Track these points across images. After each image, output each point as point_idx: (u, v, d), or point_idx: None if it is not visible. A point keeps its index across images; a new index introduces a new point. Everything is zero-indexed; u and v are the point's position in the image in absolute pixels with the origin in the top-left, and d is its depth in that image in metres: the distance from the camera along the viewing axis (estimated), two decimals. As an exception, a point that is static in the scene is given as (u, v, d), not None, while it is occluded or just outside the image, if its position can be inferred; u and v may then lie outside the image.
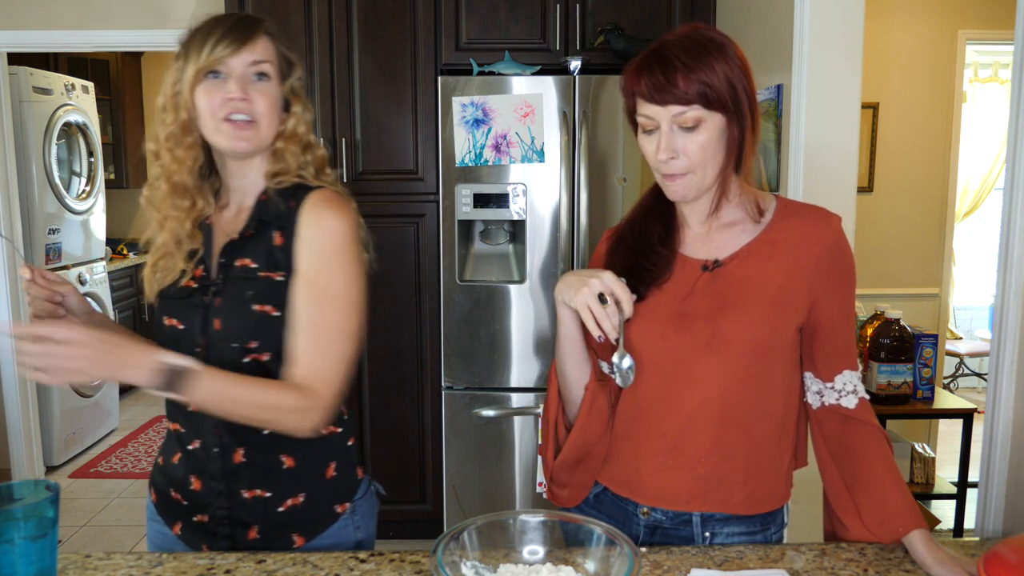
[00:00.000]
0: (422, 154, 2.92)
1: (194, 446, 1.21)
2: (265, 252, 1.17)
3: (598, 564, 0.97)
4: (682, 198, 1.14)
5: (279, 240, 1.17)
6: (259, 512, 1.21)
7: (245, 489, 1.20)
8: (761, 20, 2.43)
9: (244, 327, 1.15)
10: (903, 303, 3.04)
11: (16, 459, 3.75)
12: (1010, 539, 1.03)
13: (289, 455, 1.21)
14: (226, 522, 1.21)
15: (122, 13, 3.37)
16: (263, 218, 1.19)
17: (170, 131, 1.16)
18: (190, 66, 1.12)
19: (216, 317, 1.16)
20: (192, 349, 1.16)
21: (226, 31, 1.13)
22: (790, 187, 2.19)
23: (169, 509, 1.26)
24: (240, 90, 1.13)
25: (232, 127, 1.14)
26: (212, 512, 1.21)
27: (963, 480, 2.73)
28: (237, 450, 1.19)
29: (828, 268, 1.14)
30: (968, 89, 5.20)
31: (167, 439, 1.28)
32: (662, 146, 1.08)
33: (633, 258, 1.18)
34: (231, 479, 1.20)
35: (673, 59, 1.06)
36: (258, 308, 1.15)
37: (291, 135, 1.21)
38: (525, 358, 2.79)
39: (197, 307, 1.18)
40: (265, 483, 1.21)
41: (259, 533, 1.21)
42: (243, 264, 1.18)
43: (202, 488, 1.21)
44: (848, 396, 1.17)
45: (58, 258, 4.21)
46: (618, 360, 1.11)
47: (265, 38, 1.16)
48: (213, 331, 1.16)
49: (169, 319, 1.19)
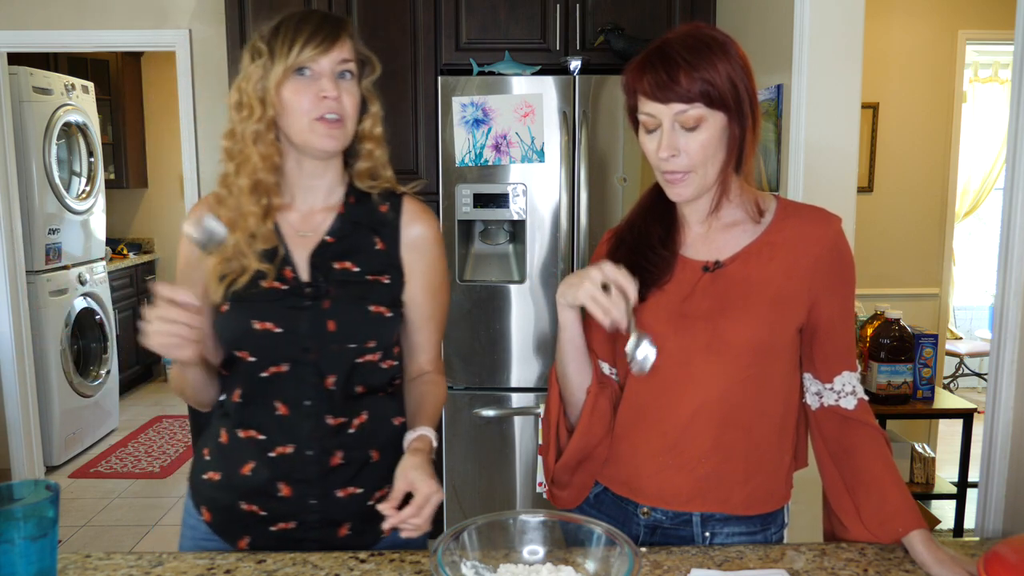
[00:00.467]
0: (422, 154, 2.92)
1: (282, 451, 1.18)
2: (366, 256, 1.21)
3: (598, 564, 0.97)
4: (683, 199, 1.13)
5: (381, 245, 1.22)
6: (352, 509, 1.21)
7: (339, 488, 1.20)
8: (761, 20, 2.43)
9: (361, 328, 1.18)
10: (903, 303, 3.04)
11: (16, 459, 3.76)
12: (1010, 539, 1.03)
13: (376, 448, 1.23)
14: (317, 525, 1.20)
15: (122, 13, 3.38)
16: (358, 221, 1.21)
17: (256, 129, 1.14)
18: (278, 64, 1.12)
19: (330, 319, 1.16)
20: (295, 352, 1.16)
21: (315, 29, 1.13)
22: (790, 187, 2.19)
23: (235, 524, 1.21)
24: (334, 88, 1.13)
25: (325, 126, 1.14)
26: (303, 517, 1.20)
27: (963, 480, 2.73)
28: (336, 452, 1.19)
29: (828, 269, 1.14)
30: (968, 89, 5.20)
31: (229, 450, 1.22)
32: (663, 144, 1.08)
33: (634, 259, 1.18)
34: (326, 480, 1.19)
35: (676, 57, 1.06)
36: (374, 309, 1.19)
37: (370, 135, 1.22)
38: (525, 358, 2.79)
39: (300, 309, 1.16)
40: (357, 480, 1.21)
41: (350, 530, 1.21)
42: (343, 267, 1.19)
43: (293, 493, 1.19)
44: (847, 397, 1.17)
45: (58, 258, 4.21)
46: (632, 348, 1.07)
47: (348, 37, 1.17)
48: (327, 333, 1.16)
49: (261, 323, 1.15)
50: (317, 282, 1.18)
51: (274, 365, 1.17)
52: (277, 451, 1.18)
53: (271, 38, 1.14)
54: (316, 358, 1.16)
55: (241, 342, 1.17)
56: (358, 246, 1.21)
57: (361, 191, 1.24)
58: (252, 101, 1.13)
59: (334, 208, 1.23)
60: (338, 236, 1.21)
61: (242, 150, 1.16)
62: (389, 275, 1.22)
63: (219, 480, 1.22)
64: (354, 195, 1.24)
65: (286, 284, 1.17)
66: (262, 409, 1.18)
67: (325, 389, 1.18)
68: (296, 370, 1.17)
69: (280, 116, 1.14)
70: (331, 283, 1.18)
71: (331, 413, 1.19)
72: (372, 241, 1.22)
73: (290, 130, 1.15)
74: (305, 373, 1.17)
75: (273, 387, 1.17)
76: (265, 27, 1.16)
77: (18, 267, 3.69)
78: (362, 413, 1.21)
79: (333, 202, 1.23)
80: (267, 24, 1.17)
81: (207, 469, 1.24)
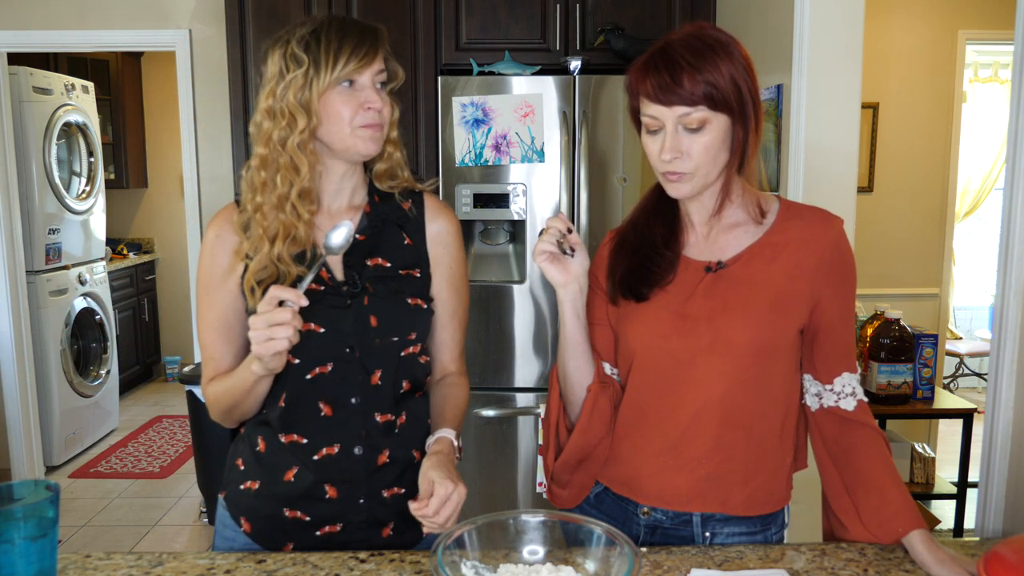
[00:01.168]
0: (422, 154, 2.92)
1: (327, 453, 1.19)
2: (396, 251, 1.24)
3: (598, 564, 0.97)
4: (682, 195, 1.14)
5: (408, 240, 1.25)
6: (396, 509, 1.22)
7: (385, 488, 1.21)
8: (761, 20, 2.43)
9: (403, 321, 1.21)
10: (903, 303, 3.04)
11: (16, 459, 3.76)
12: (1010, 539, 1.03)
13: (417, 448, 1.24)
14: (363, 525, 1.21)
15: (122, 13, 3.38)
16: (384, 218, 1.24)
17: (302, 138, 1.14)
18: (324, 75, 1.12)
19: (372, 315, 1.18)
20: (340, 351, 1.17)
21: (359, 40, 1.14)
22: (790, 187, 2.19)
23: (278, 532, 1.21)
24: (380, 99, 1.16)
25: (370, 131, 1.16)
26: (349, 518, 1.20)
27: (963, 480, 2.73)
28: (383, 451, 1.20)
29: (830, 270, 1.14)
30: (968, 89, 5.20)
31: (268, 457, 1.21)
32: (667, 146, 1.08)
33: (636, 260, 1.18)
34: (373, 480, 1.20)
35: (679, 59, 1.06)
36: (412, 302, 1.23)
37: (390, 138, 1.24)
38: (526, 358, 2.79)
39: (341, 308, 1.18)
40: (402, 479, 1.22)
41: (393, 530, 1.22)
42: (376, 263, 1.22)
43: (340, 494, 1.19)
44: (847, 398, 1.17)
45: (58, 258, 4.21)
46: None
47: (384, 47, 1.18)
48: (370, 328, 1.18)
49: (304, 324, 1.12)
50: (353, 280, 1.19)
51: (319, 365, 1.17)
52: (322, 453, 1.19)
53: (310, 45, 1.13)
54: (360, 355, 1.18)
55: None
56: (387, 242, 1.24)
57: (382, 191, 1.27)
58: (294, 110, 1.13)
59: (360, 208, 1.25)
60: (368, 234, 1.23)
61: (290, 159, 1.15)
62: (419, 269, 1.25)
63: (258, 488, 1.22)
64: (377, 194, 1.26)
65: (323, 285, 1.18)
66: (306, 412, 1.18)
67: (371, 386, 1.19)
68: (340, 369, 1.18)
69: (320, 124, 1.15)
70: (367, 279, 1.20)
71: (379, 410, 1.20)
72: (400, 237, 1.25)
73: (331, 138, 1.16)
74: (350, 371, 1.18)
75: (317, 388, 1.18)
76: (297, 31, 1.15)
77: (18, 267, 3.69)
78: (403, 413, 1.23)
79: (358, 202, 1.25)
80: (299, 28, 1.15)
81: (244, 479, 1.24)
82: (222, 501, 1.27)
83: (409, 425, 1.24)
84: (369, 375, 1.18)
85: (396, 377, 1.21)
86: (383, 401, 1.20)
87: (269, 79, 1.15)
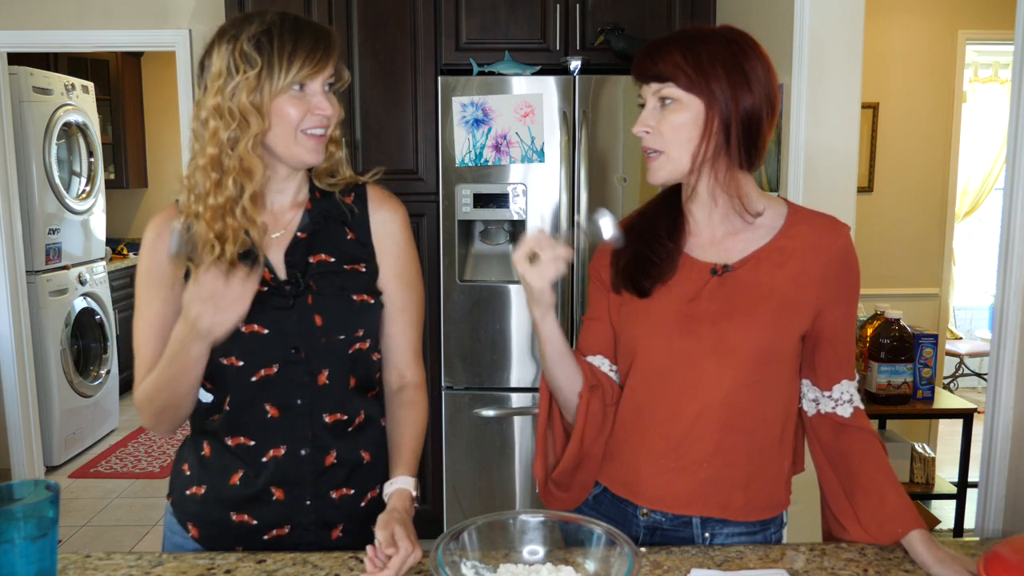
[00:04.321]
0: (422, 154, 2.92)
1: (273, 455, 1.17)
2: (339, 246, 1.21)
3: (598, 564, 0.97)
4: (657, 181, 1.15)
5: (351, 235, 1.23)
6: (345, 510, 1.21)
7: (333, 490, 1.20)
8: (761, 20, 2.43)
9: (349, 318, 1.19)
10: (903, 303, 3.04)
11: (16, 459, 3.76)
12: (1010, 539, 1.03)
13: (366, 450, 1.23)
14: (312, 527, 1.20)
15: (122, 13, 3.38)
16: (326, 214, 1.22)
17: (254, 141, 1.10)
18: (278, 78, 1.09)
19: (316, 313, 1.16)
20: (285, 352, 1.15)
21: (313, 46, 1.11)
22: (790, 187, 2.19)
23: (226, 536, 1.19)
24: (330, 105, 1.14)
25: (313, 140, 1.14)
26: (297, 520, 1.19)
27: (963, 480, 2.73)
28: (330, 452, 1.19)
29: (836, 278, 1.14)
30: (968, 89, 5.20)
31: (213, 461, 1.20)
32: (639, 119, 1.12)
33: (638, 248, 1.18)
34: (320, 481, 1.19)
35: (670, 43, 1.09)
36: (358, 298, 1.20)
37: (332, 138, 1.22)
38: (525, 358, 2.79)
39: (284, 309, 1.16)
40: (350, 480, 1.21)
41: (343, 532, 1.22)
42: (319, 260, 1.19)
43: (287, 496, 1.18)
44: (844, 405, 1.17)
45: (58, 258, 4.21)
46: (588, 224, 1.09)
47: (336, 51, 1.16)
48: (315, 328, 1.16)
49: (248, 326, 1.13)
50: (295, 278, 1.18)
51: (264, 367, 1.16)
52: (268, 455, 1.17)
53: (263, 45, 1.09)
54: (306, 355, 1.16)
55: (229, 348, 1.14)
56: (330, 238, 1.21)
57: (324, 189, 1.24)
58: (246, 111, 1.09)
59: (301, 205, 1.23)
60: (309, 231, 1.20)
61: (241, 162, 1.11)
62: (365, 263, 1.22)
63: (204, 493, 1.20)
64: (318, 191, 1.23)
65: (266, 285, 1.16)
66: (252, 414, 1.17)
67: (318, 386, 1.17)
68: (286, 370, 1.16)
69: (270, 128, 1.12)
70: (309, 277, 1.18)
71: (327, 410, 1.18)
72: (343, 232, 1.23)
73: (276, 141, 1.13)
74: (295, 372, 1.16)
75: (263, 390, 1.16)
76: (246, 27, 1.11)
77: (18, 267, 3.69)
78: (359, 413, 1.22)
79: (300, 199, 1.23)
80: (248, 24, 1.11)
81: (189, 484, 1.22)
82: (169, 507, 1.25)
83: (362, 427, 1.22)
84: (315, 376, 1.17)
85: (345, 376, 1.19)
86: (331, 401, 1.18)
87: (216, 75, 1.10)
